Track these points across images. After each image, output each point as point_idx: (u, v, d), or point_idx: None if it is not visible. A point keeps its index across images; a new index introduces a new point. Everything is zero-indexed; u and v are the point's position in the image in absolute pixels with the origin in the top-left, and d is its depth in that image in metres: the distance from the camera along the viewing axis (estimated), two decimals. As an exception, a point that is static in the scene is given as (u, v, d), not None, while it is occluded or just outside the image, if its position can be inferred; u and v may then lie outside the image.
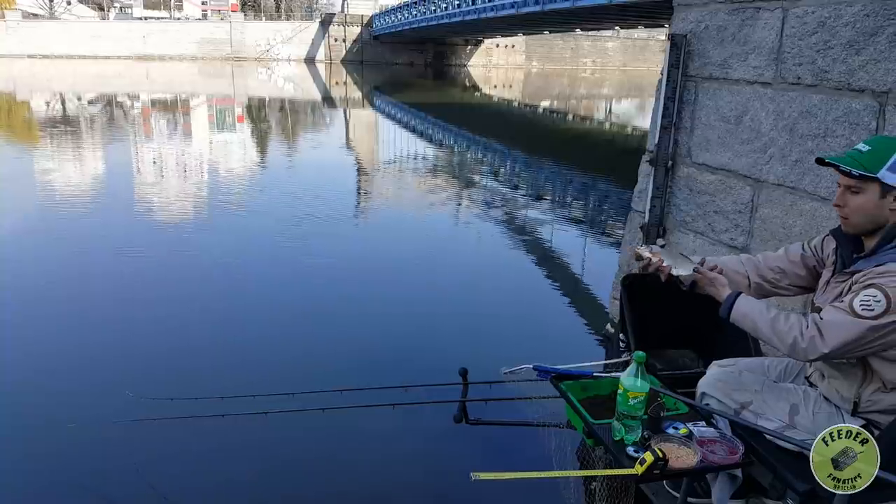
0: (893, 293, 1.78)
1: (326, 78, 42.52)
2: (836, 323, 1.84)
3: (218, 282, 6.14)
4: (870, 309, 1.80)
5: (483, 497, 3.05)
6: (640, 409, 1.97)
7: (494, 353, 4.18)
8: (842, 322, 1.83)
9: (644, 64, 57.19)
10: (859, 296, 1.84)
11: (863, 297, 1.82)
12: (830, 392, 2.08)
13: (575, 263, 7.38)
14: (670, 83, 3.77)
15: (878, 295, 1.80)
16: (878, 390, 1.95)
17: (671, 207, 3.97)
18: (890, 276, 1.81)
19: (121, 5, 65.33)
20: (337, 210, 9.26)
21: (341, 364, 4.47)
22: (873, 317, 1.79)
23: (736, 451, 1.96)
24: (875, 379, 1.95)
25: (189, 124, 20.27)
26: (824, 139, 2.88)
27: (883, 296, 1.79)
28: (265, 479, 3.23)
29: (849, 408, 2.02)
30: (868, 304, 1.80)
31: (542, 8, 24.34)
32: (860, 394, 1.99)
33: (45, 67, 41.55)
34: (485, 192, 11.25)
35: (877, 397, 1.96)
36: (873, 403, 1.97)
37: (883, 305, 1.78)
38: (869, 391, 1.97)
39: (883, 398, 1.96)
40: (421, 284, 6.28)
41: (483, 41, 54.95)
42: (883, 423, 1.97)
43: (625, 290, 2.91)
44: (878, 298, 1.79)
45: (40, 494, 3.15)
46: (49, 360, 4.45)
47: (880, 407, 1.97)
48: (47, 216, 8.47)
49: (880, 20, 2.64)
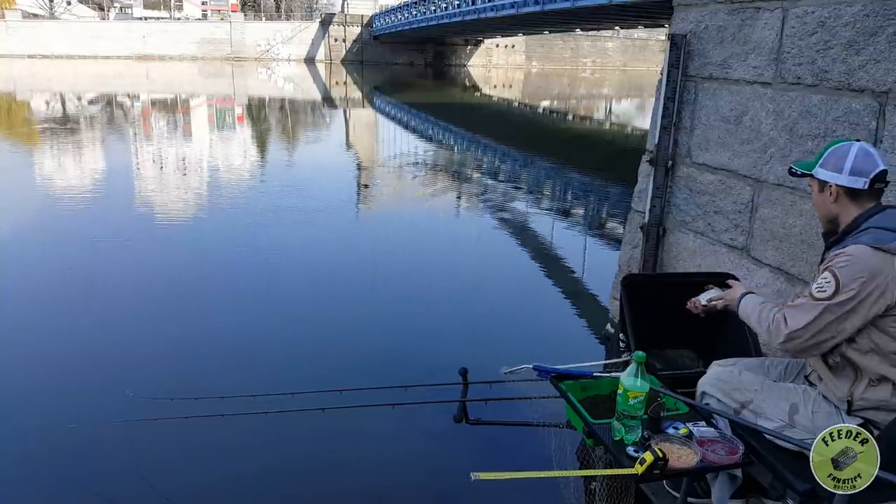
0: (840, 272, 1.89)
1: (326, 78, 42.51)
2: (797, 307, 1.97)
3: (218, 282, 6.14)
4: (822, 291, 1.91)
5: (483, 497, 3.05)
6: (639, 408, 1.97)
7: (494, 353, 4.18)
8: (801, 305, 1.96)
9: (644, 64, 57.19)
10: (816, 281, 1.97)
11: (818, 281, 1.95)
12: (828, 392, 2.09)
13: (575, 263, 7.38)
14: (670, 83, 3.77)
15: (828, 277, 1.92)
16: (869, 386, 1.99)
17: (671, 207, 3.96)
18: (839, 258, 1.93)
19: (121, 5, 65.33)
20: (337, 210, 9.26)
21: (341, 364, 4.47)
22: (826, 297, 1.90)
23: (736, 451, 1.96)
24: (863, 375, 1.99)
25: (189, 124, 20.26)
26: (824, 139, 2.88)
27: (832, 276, 1.90)
28: (265, 479, 3.23)
29: (845, 407, 2.04)
30: (821, 287, 1.92)
31: (542, 8, 24.34)
32: (853, 392, 2.01)
33: (45, 67, 41.54)
34: (485, 192, 11.25)
35: (868, 394, 1.99)
36: (866, 401, 2.00)
37: (833, 286, 1.89)
38: (861, 389, 2.00)
39: (874, 393, 1.98)
40: (421, 284, 6.28)
41: (483, 41, 54.95)
42: (881, 422, 1.98)
43: (625, 290, 2.91)
44: (829, 280, 1.91)
45: (40, 494, 3.15)
46: (49, 359, 4.44)
47: (873, 403, 1.99)
48: (47, 216, 8.47)
49: (880, 20, 2.64)
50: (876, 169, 1.98)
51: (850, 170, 1.98)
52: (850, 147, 2.01)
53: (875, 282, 1.86)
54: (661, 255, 4.04)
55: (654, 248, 4.02)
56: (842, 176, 2.00)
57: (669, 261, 4.01)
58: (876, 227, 1.93)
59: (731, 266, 3.42)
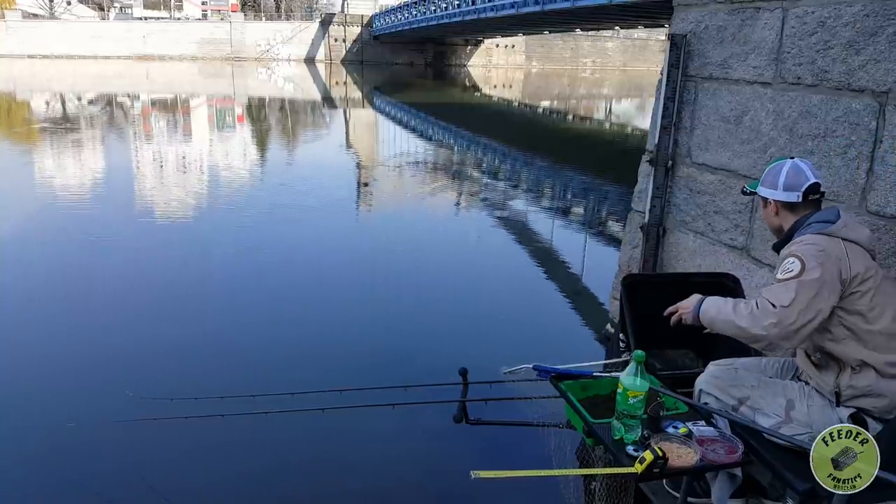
0: (801, 252, 2.03)
1: (326, 78, 42.50)
2: (773, 290, 2.05)
3: (218, 281, 6.14)
4: (789, 271, 2.03)
5: (483, 497, 3.06)
6: (639, 408, 1.98)
7: (494, 353, 4.18)
8: (776, 287, 2.05)
9: (644, 64, 57.19)
10: (778, 269, 2.09)
11: (781, 266, 2.09)
12: (819, 386, 2.15)
13: (575, 263, 7.38)
14: (670, 83, 3.77)
15: (791, 259, 2.05)
16: (853, 374, 2.05)
17: (671, 207, 3.97)
18: (794, 246, 2.10)
19: (121, 5, 65.31)
20: (337, 210, 9.26)
21: (341, 364, 4.47)
22: (795, 275, 2.00)
23: (735, 451, 1.96)
24: (845, 365, 2.06)
25: (189, 124, 20.26)
26: (824, 139, 2.88)
27: (795, 258, 2.03)
28: (265, 479, 3.23)
29: (834, 399, 2.09)
30: (787, 269, 2.04)
31: (542, 8, 24.33)
32: (839, 382, 2.08)
33: (45, 67, 41.54)
34: (485, 192, 11.25)
35: (854, 381, 2.05)
36: (854, 388, 2.05)
37: (798, 264, 2.02)
38: (846, 378, 2.06)
39: (858, 380, 2.04)
40: (421, 284, 6.28)
41: (483, 41, 54.94)
42: (872, 409, 2.03)
43: (625, 290, 2.91)
44: (792, 261, 2.05)
45: (40, 494, 3.15)
46: (49, 359, 4.44)
47: (861, 391, 2.04)
48: (46, 215, 8.47)
49: (880, 20, 2.64)
50: (807, 183, 2.18)
51: (783, 185, 2.20)
52: (783, 165, 2.23)
53: (831, 259, 2.01)
54: (661, 255, 4.04)
55: (654, 248, 4.02)
56: (777, 192, 2.22)
57: (669, 261, 4.01)
58: (815, 222, 2.13)
59: (731, 266, 3.42)
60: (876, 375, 2.02)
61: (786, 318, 1.97)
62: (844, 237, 2.07)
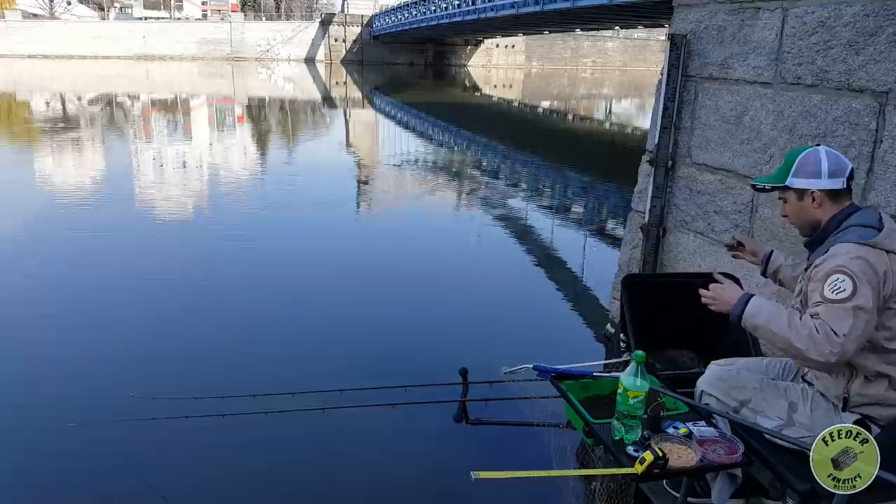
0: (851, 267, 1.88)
1: (326, 78, 42.50)
2: (832, 314, 1.87)
3: (218, 281, 6.13)
4: (841, 291, 1.88)
5: (483, 497, 3.05)
6: (639, 408, 1.97)
7: (494, 353, 4.18)
8: (833, 312, 1.88)
9: (644, 64, 57.18)
10: (826, 285, 1.91)
11: (829, 282, 1.90)
12: (825, 389, 2.11)
13: (575, 263, 7.38)
14: (670, 83, 3.77)
15: (841, 277, 1.89)
16: (865, 383, 2.00)
17: (671, 207, 3.96)
18: (843, 258, 1.91)
19: (121, 5, 65.32)
20: (337, 210, 9.27)
21: (341, 364, 4.47)
22: (846, 297, 1.86)
23: (736, 451, 1.96)
24: (859, 373, 2.00)
25: (189, 124, 20.26)
26: (824, 139, 2.88)
27: (845, 276, 1.88)
28: (265, 479, 3.23)
29: (842, 404, 2.05)
30: (837, 287, 1.89)
31: (541, 8, 24.33)
32: (849, 389, 2.03)
33: (45, 67, 41.53)
34: (485, 192, 11.24)
35: (865, 390, 2.00)
36: (863, 397, 2.01)
37: (849, 283, 1.87)
38: (857, 385, 2.01)
39: (870, 389, 1.99)
40: (421, 284, 6.28)
41: (483, 41, 54.93)
42: (878, 417, 2.00)
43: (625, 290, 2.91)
44: (843, 279, 1.88)
45: (40, 494, 3.15)
46: (49, 359, 4.45)
47: (870, 399, 2.00)
48: (46, 215, 8.47)
49: (880, 20, 2.64)
50: (848, 167, 2.07)
51: (828, 172, 2.05)
52: (818, 152, 2.08)
53: (878, 276, 1.90)
54: (661, 255, 4.04)
55: (653, 249, 4.02)
56: (822, 180, 2.05)
57: (669, 261, 4.01)
58: (856, 226, 1.98)
59: (731, 266, 3.41)
60: (888, 386, 1.97)
61: (846, 349, 1.85)
62: (889, 249, 1.93)
